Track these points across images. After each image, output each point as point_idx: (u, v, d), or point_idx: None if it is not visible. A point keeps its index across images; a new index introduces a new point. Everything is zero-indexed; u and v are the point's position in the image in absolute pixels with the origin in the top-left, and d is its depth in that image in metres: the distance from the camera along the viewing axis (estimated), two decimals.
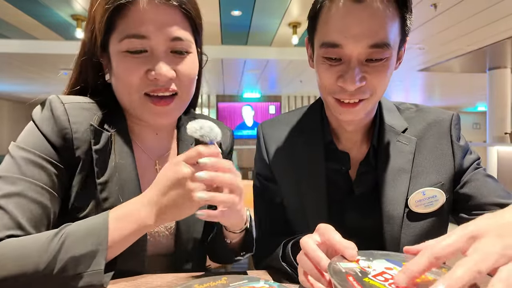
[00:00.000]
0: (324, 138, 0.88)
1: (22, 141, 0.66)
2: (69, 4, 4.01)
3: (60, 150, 0.67)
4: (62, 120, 0.67)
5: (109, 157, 0.70)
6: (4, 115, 11.02)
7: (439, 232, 0.85)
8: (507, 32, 4.58)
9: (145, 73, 0.67)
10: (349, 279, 0.44)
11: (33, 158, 0.63)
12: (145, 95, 0.69)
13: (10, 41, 5.12)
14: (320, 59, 0.75)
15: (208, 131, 0.60)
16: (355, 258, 0.51)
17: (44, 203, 0.63)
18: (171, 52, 0.68)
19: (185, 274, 0.69)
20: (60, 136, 0.66)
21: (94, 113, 0.71)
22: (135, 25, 0.65)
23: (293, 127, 0.94)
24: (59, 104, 0.68)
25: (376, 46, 0.69)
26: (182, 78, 0.70)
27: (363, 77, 0.72)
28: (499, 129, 6.21)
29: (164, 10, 0.66)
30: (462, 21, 4.21)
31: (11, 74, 7.05)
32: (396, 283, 0.41)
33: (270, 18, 4.51)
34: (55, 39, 5.19)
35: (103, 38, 0.68)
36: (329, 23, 0.72)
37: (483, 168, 0.84)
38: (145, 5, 0.65)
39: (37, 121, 0.68)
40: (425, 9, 3.81)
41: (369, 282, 0.44)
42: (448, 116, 0.87)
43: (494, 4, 3.70)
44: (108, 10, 0.65)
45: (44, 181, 0.63)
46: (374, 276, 0.46)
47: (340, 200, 0.85)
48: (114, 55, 0.68)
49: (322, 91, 0.79)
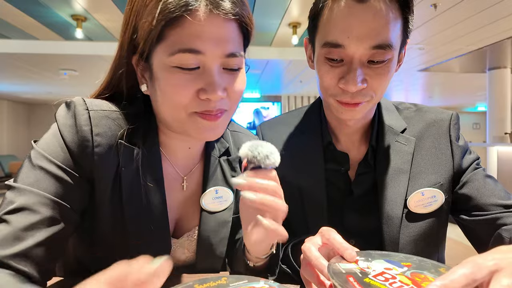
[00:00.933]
0: (323, 138, 0.88)
1: (45, 146, 0.62)
2: (69, 4, 4.01)
3: (80, 161, 0.63)
4: (84, 130, 0.63)
5: (136, 175, 0.67)
6: (4, 115, 11.02)
7: (438, 233, 0.85)
8: (507, 32, 4.58)
9: (196, 92, 0.60)
10: (349, 280, 0.44)
11: (51, 168, 0.60)
12: (193, 112, 0.63)
13: (10, 41, 5.12)
14: (322, 59, 0.75)
15: (265, 155, 0.55)
16: (354, 259, 0.51)
17: (55, 217, 0.58)
18: (223, 68, 0.62)
19: (185, 275, 0.69)
20: (81, 147, 0.62)
21: (121, 125, 0.67)
22: (191, 38, 0.57)
23: (292, 128, 0.94)
24: (83, 110, 0.64)
25: (378, 47, 0.69)
26: (233, 95, 0.64)
27: (364, 79, 0.71)
28: (499, 129, 6.21)
29: (222, 23, 0.59)
30: (462, 21, 4.21)
31: (11, 74, 7.05)
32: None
33: (270, 18, 4.51)
34: (55, 39, 5.19)
35: (148, 48, 0.61)
36: (332, 23, 0.71)
37: (483, 168, 0.84)
38: (203, 17, 0.57)
39: (60, 126, 0.64)
40: (425, 9, 3.81)
41: (369, 283, 0.43)
42: (447, 115, 0.87)
43: (494, 4, 3.70)
44: (161, 21, 0.57)
45: (60, 195, 0.60)
46: (374, 276, 0.45)
47: (339, 201, 0.85)
48: (161, 68, 0.60)
49: (323, 92, 0.79)
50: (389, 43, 0.69)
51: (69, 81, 7.45)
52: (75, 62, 5.83)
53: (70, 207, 0.61)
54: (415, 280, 0.44)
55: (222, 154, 0.81)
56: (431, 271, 0.48)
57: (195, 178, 0.78)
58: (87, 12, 4.27)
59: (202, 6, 0.57)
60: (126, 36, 0.64)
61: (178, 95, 0.60)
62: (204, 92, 0.60)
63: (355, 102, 0.74)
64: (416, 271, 0.47)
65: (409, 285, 0.43)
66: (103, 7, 4.08)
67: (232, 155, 0.82)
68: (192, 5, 0.56)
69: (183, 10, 0.56)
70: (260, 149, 0.54)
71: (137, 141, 0.67)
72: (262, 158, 0.54)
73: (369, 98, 0.74)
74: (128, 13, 0.64)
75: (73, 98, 0.65)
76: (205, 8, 0.57)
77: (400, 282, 0.44)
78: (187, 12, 0.56)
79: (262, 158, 0.54)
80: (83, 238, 0.71)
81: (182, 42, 0.57)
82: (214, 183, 0.78)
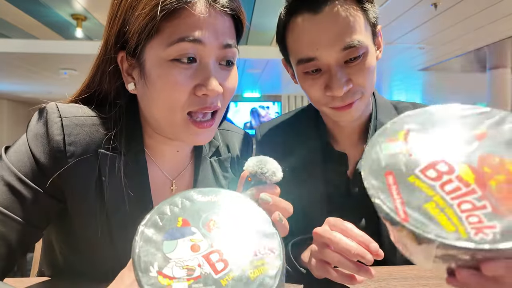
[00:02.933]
0: (321, 139, 0.88)
1: (13, 155, 0.60)
2: (69, 4, 4.01)
3: (49, 173, 0.59)
4: (57, 140, 0.59)
5: (120, 184, 0.63)
6: (3, 115, 11.02)
7: None
8: (507, 32, 4.58)
9: (193, 88, 0.59)
10: (388, 181, 0.36)
11: (11, 180, 0.58)
12: (188, 114, 0.62)
13: (10, 41, 5.12)
14: (301, 75, 0.77)
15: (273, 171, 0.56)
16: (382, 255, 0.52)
17: (5, 235, 0.56)
18: (218, 64, 0.63)
19: None
20: (52, 158, 0.59)
21: (100, 131, 0.63)
22: (191, 28, 0.57)
23: (290, 129, 0.94)
24: (56, 118, 0.60)
25: (348, 47, 0.70)
26: (226, 93, 0.64)
27: (348, 79, 0.73)
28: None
29: (219, 16, 0.60)
30: (462, 21, 4.21)
31: (11, 74, 7.04)
32: None
33: (270, 18, 4.50)
34: (55, 39, 5.19)
35: (142, 43, 0.59)
36: (298, 41, 0.74)
37: None
38: (202, 9, 0.58)
39: (29, 135, 0.61)
40: (425, 9, 3.81)
41: (414, 184, 0.34)
42: None
43: (494, 4, 3.70)
44: (160, 13, 0.56)
45: (15, 209, 0.57)
46: (422, 171, 0.35)
47: (338, 201, 0.86)
48: (155, 64, 0.58)
49: (315, 104, 0.81)
50: (357, 40, 0.71)
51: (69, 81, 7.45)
52: (75, 62, 5.82)
53: (23, 221, 0.58)
54: (481, 173, 0.33)
55: (212, 154, 0.78)
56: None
57: (185, 181, 0.76)
58: (87, 12, 4.27)
59: (199, 0, 0.58)
60: (113, 31, 0.62)
61: (176, 92, 0.59)
62: (201, 87, 0.59)
63: (347, 104, 0.75)
64: (489, 151, 0.34)
65: (470, 185, 0.32)
66: (103, 6, 4.08)
67: (223, 155, 0.80)
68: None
69: (183, 3, 0.57)
70: (268, 166, 0.56)
71: (120, 146, 0.64)
72: (270, 175, 0.56)
73: (360, 95, 0.75)
74: (115, 7, 0.62)
75: (47, 104, 0.63)
76: (204, 1, 0.59)
77: (458, 180, 0.33)
78: (187, 4, 0.57)
79: (270, 175, 0.56)
80: (68, 244, 0.69)
81: (181, 32, 0.57)
82: (205, 184, 0.76)
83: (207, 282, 0.34)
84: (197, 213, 0.42)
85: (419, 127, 0.37)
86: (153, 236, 0.39)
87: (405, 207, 0.33)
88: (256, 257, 0.37)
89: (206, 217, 0.42)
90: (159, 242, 0.38)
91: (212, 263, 0.36)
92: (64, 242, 0.70)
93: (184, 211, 0.42)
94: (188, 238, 0.39)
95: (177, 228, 0.40)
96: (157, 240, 0.38)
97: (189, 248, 0.38)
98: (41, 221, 0.62)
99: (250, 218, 0.44)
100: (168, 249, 0.38)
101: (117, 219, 0.64)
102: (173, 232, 0.39)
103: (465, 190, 0.32)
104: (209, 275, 0.35)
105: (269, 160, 0.57)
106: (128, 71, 0.63)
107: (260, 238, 0.40)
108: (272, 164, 0.57)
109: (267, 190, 0.54)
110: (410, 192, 0.34)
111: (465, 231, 0.30)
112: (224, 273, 0.35)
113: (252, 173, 0.55)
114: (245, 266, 0.36)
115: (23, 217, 0.58)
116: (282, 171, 0.57)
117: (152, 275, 0.35)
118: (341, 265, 0.59)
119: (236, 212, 0.44)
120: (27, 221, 0.58)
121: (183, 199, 0.43)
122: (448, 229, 0.30)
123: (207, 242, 0.38)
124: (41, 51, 5.21)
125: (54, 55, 5.36)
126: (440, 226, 0.30)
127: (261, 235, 0.40)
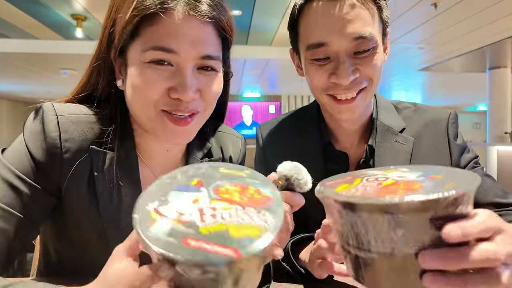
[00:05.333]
0: (322, 139, 0.88)
1: (10, 154, 0.62)
2: (69, 4, 4.01)
3: (46, 170, 0.61)
4: (53, 137, 0.61)
5: (111, 180, 0.64)
6: (3, 115, 11.03)
7: None
8: (507, 31, 4.58)
9: (167, 90, 0.60)
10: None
11: (8, 177, 0.59)
12: (162, 111, 0.62)
13: (10, 41, 5.13)
14: (309, 62, 0.76)
15: (306, 180, 0.56)
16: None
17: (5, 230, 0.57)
18: (198, 69, 0.62)
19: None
20: (49, 155, 0.61)
21: (94, 129, 0.65)
22: (165, 37, 0.57)
23: (291, 128, 0.94)
24: (52, 116, 0.62)
25: (360, 37, 0.71)
26: (208, 97, 0.64)
27: (356, 69, 0.73)
28: (499, 128, 6.21)
29: (198, 25, 0.59)
30: (462, 21, 4.21)
31: (11, 74, 7.05)
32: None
33: (270, 17, 4.51)
34: (55, 39, 5.20)
35: (122, 43, 0.61)
36: (311, 26, 0.74)
37: (481, 167, 0.84)
38: (179, 17, 0.57)
39: (25, 133, 0.62)
40: (425, 9, 3.81)
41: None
42: (446, 114, 0.87)
43: (494, 4, 3.70)
44: (136, 17, 0.57)
45: (12, 204, 0.58)
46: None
47: None
48: (134, 63, 0.60)
49: (315, 92, 0.80)
50: (370, 32, 0.72)
51: (69, 81, 7.45)
52: (75, 62, 5.82)
53: (22, 216, 0.59)
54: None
55: (204, 155, 0.78)
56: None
57: None
58: (87, 12, 4.27)
59: (179, 6, 0.57)
60: (106, 31, 0.64)
61: (149, 90, 0.60)
62: (175, 91, 0.60)
63: (352, 95, 0.75)
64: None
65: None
66: (103, 6, 4.08)
67: (215, 156, 0.79)
68: (168, 4, 0.57)
69: (159, 8, 0.56)
70: (304, 173, 0.56)
71: (112, 144, 0.65)
72: (303, 183, 0.55)
73: (365, 85, 0.75)
74: (110, 8, 0.64)
75: (43, 104, 0.64)
76: (182, 8, 0.58)
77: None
78: (162, 10, 0.57)
79: (303, 183, 0.55)
80: (62, 241, 0.70)
81: (156, 40, 0.58)
82: None
83: (189, 226, 0.36)
84: (214, 180, 0.45)
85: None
86: (166, 184, 0.43)
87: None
88: (246, 222, 0.38)
89: (220, 184, 0.44)
90: (168, 190, 0.42)
91: (202, 214, 0.38)
92: (58, 239, 0.70)
93: (204, 175, 0.45)
94: (194, 194, 0.42)
95: (189, 185, 0.43)
96: (167, 188, 0.42)
97: (191, 201, 0.40)
98: (39, 216, 0.63)
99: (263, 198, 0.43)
100: (172, 196, 0.41)
101: (109, 216, 0.65)
102: (184, 187, 0.43)
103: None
104: (194, 222, 0.37)
105: (304, 169, 0.56)
106: (119, 68, 0.65)
107: (260, 211, 0.40)
108: (306, 173, 0.56)
109: (296, 198, 0.54)
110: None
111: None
112: (208, 224, 0.37)
113: (287, 176, 0.55)
114: (232, 225, 0.37)
115: (21, 212, 0.59)
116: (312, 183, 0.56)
117: (147, 209, 0.38)
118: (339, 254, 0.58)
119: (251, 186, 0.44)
120: (25, 216, 0.59)
121: (208, 167, 0.47)
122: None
123: (208, 200, 0.41)
124: (41, 51, 5.22)
125: (54, 55, 5.37)
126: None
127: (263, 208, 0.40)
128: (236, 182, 0.45)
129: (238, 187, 0.44)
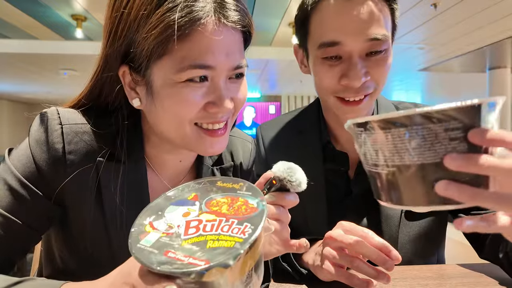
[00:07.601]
0: (322, 139, 0.88)
1: (15, 158, 0.61)
2: (69, 4, 4.01)
3: (49, 179, 0.60)
4: (56, 149, 0.59)
5: (119, 194, 0.63)
6: (3, 115, 11.03)
7: (437, 232, 0.85)
8: (507, 32, 4.58)
9: (204, 106, 0.58)
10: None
11: (14, 185, 0.58)
12: (195, 124, 0.60)
13: (10, 41, 5.12)
14: (319, 60, 0.75)
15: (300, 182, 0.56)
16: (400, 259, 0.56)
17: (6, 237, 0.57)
18: (229, 78, 0.61)
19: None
20: (52, 166, 0.60)
21: (99, 139, 0.63)
22: (201, 53, 0.54)
23: (291, 128, 0.94)
24: (56, 125, 0.60)
25: (375, 39, 0.70)
26: (237, 103, 0.63)
27: (366, 72, 0.72)
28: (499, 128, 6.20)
29: (231, 35, 0.57)
30: (462, 21, 4.21)
31: (11, 74, 7.05)
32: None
33: (270, 18, 4.51)
34: (55, 39, 5.20)
35: (146, 65, 0.57)
36: (325, 24, 0.73)
37: None
38: (213, 30, 0.54)
39: (30, 140, 0.61)
40: (425, 9, 3.81)
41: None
42: None
43: (494, 4, 3.70)
44: (171, 36, 0.52)
45: (14, 210, 0.58)
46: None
47: (338, 200, 0.85)
48: (164, 83, 0.56)
49: (322, 93, 0.79)
50: (384, 33, 0.71)
51: (69, 81, 7.45)
52: (75, 62, 5.82)
53: (24, 224, 0.58)
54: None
55: (214, 163, 0.76)
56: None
57: None
58: (87, 12, 4.27)
59: (211, 19, 0.54)
60: (116, 47, 0.58)
61: (186, 109, 0.57)
62: (213, 105, 0.58)
63: (359, 97, 0.74)
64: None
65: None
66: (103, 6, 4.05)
67: (225, 163, 0.78)
68: (202, 18, 0.53)
69: (195, 25, 0.53)
70: (297, 175, 0.56)
71: (120, 155, 0.63)
72: (296, 185, 0.56)
73: (372, 90, 0.75)
74: (114, 21, 0.58)
75: (48, 109, 0.62)
76: (214, 20, 0.55)
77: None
78: (199, 25, 0.53)
79: (296, 185, 0.56)
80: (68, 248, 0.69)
81: (192, 58, 0.54)
82: None
83: (173, 239, 0.40)
84: (209, 193, 0.48)
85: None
86: (166, 198, 0.48)
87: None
88: (227, 233, 0.40)
89: (213, 197, 0.47)
90: (166, 205, 0.46)
91: (188, 227, 0.42)
92: (64, 246, 0.70)
93: (200, 189, 0.49)
94: (187, 208, 0.46)
95: (186, 200, 0.47)
96: (166, 203, 0.47)
97: (181, 214, 0.44)
98: (42, 225, 0.62)
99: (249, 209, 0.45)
100: (169, 211, 0.45)
101: (116, 227, 0.64)
102: (181, 201, 0.47)
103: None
104: (179, 235, 0.40)
105: (298, 170, 0.56)
106: (130, 85, 0.61)
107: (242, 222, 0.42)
108: (300, 174, 0.56)
109: (289, 198, 0.55)
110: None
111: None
112: (190, 236, 0.40)
113: (280, 177, 0.55)
114: (210, 237, 0.40)
115: (24, 220, 0.58)
116: (307, 183, 0.57)
117: (144, 223, 0.43)
118: (359, 270, 0.59)
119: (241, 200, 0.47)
120: (27, 224, 0.59)
121: (207, 181, 0.51)
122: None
123: (197, 213, 0.44)
124: (41, 51, 5.22)
125: (54, 56, 5.37)
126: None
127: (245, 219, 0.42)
128: (227, 194, 0.47)
129: (228, 199, 0.46)
